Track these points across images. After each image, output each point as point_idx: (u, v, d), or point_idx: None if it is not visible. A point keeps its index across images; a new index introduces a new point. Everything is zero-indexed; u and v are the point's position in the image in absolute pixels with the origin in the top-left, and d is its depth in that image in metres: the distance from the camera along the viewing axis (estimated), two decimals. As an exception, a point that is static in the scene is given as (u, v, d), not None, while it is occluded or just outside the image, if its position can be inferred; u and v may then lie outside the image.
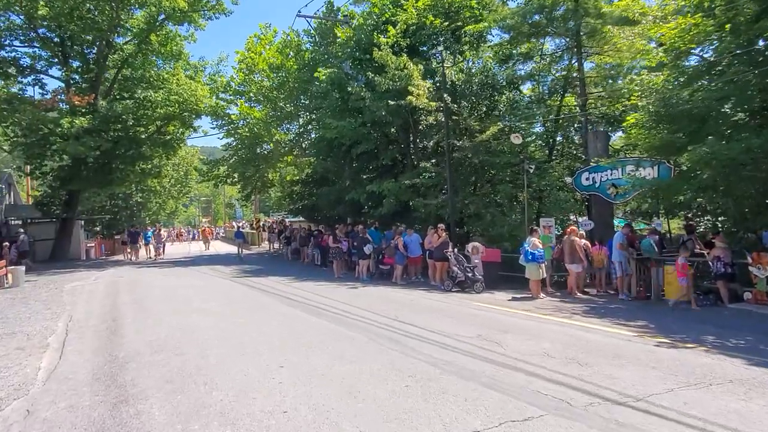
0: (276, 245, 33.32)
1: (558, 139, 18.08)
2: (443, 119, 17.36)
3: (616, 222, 16.34)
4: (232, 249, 35.04)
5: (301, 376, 5.85)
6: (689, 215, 15.89)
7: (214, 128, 27.15)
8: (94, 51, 26.71)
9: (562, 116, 18.09)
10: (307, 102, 26.17)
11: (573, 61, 18.67)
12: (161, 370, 6.28)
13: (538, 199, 16.83)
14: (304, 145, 27.20)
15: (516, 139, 16.04)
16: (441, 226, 15.25)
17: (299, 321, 9.41)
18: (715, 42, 11.69)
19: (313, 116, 25.70)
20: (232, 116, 25.91)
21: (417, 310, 10.47)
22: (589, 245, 14.03)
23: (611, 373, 5.92)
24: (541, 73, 18.75)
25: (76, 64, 26.99)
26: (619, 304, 11.93)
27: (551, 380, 5.62)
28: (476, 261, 14.62)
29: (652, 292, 12.60)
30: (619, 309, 11.04)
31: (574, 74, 18.60)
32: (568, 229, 14.03)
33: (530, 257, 12.84)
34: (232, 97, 26.85)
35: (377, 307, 10.79)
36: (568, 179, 17.33)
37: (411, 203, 18.79)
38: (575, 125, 18.30)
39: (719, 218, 14.63)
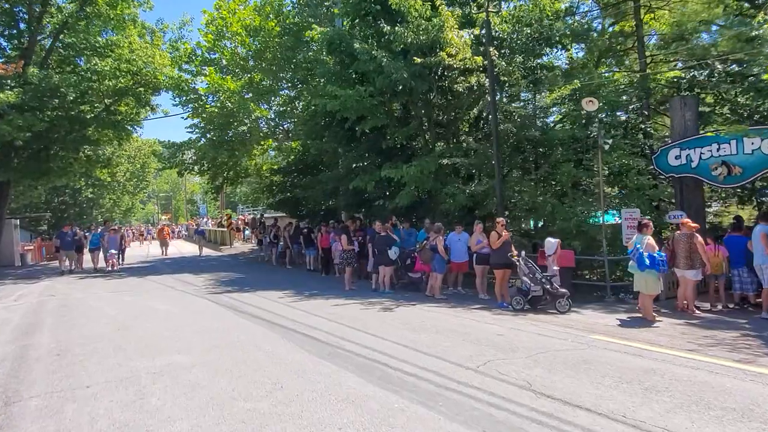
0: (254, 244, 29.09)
1: (618, 113, 14.23)
2: (483, 83, 13.28)
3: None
4: (196, 249, 30.41)
5: None
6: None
7: (176, 105, 22.15)
8: (24, 9, 21.49)
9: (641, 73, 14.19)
10: (291, 74, 21.66)
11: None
12: None
13: (611, 185, 12.96)
14: (287, 126, 22.67)
15: (589, 105, 12.12)
16: (501, 220, 11.20)
17: (374, 408, 5.18)
18: None
19: (301, 89, 21.23)
20: (201, 89, 21.10)
21: (536, 359, 6.35)
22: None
23: None
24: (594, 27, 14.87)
25: (-1, 26, 21.76)
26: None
27: None
28: (555, 268, 10.65)
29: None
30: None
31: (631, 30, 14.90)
32: (684, 223, 10.21)
33: (648, 264, 8.93)
34: (198, 67, 22.04)
35: (459, 353, 6.66)
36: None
37: (442, 191, 14.65)
38: (642, 93, 14.49)
39: None
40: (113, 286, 14.80)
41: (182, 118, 22.65)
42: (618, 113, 14.57)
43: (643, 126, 14.48)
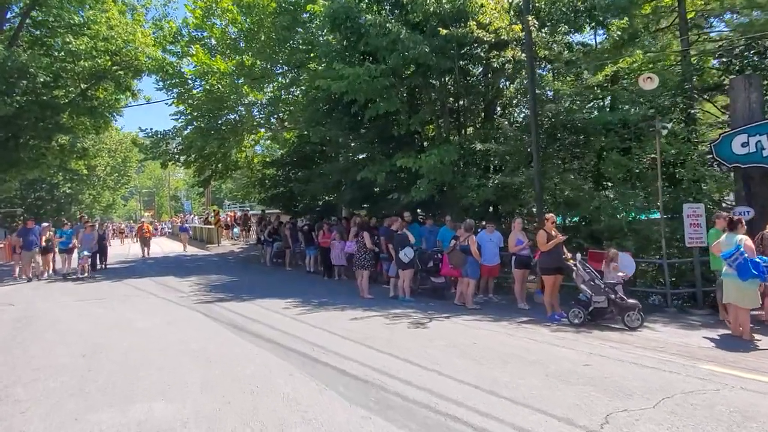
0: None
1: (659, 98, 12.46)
2: (520, 58, 11.46)
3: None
4: (180, 247, 28.97)
5: None
6: None
7: (160, 90, 19.95)
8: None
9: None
10: (286, 57, 19.61)
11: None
12: None
13: (669, 177, 11.18)
14: (282, 115, 20.61)
15: (647, 83, 10.38)
16: (551, 217, 9.37)
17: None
18: None
19: (298, 73, 19.21)
20: (188, 72, 18.93)
21: (670, 410, 4.51)
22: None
23: None
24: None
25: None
26: None
27: None
28: (620, 274, 8.86)
29: None
30: None
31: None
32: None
33: (752, 271, 7.17)
34: (184, 48, 19.89)
35: (557, 399, 4.83)
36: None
37: (463, 183, 12.86)
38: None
39: None
40: (85, 293, 12.72)
41: (166, 104, 20.52)
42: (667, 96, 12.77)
43: (690, 111, 12.77)
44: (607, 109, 12.16)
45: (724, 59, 13.40)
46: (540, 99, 11.45)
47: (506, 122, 12.44)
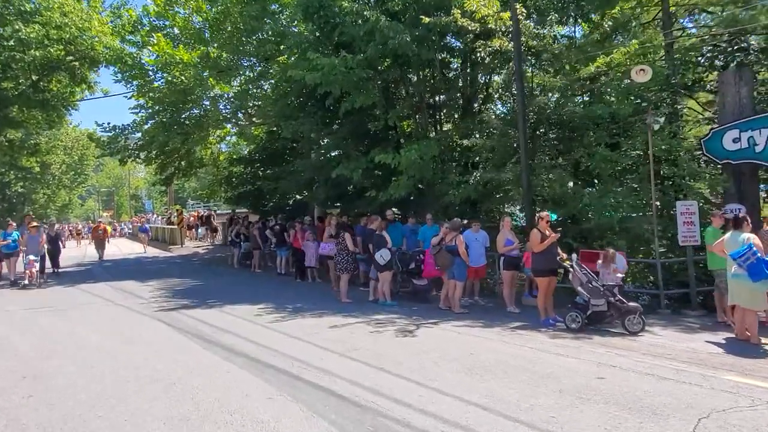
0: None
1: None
2: (507, 49, 10.88)
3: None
4: (140, 248, 27.90)
5: None
6: None
7: (118, 82, 18.65)
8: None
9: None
10: (254, 49, 18.62)
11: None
12: None
13: (656, 174, 10.77)
14: (250, 110, 19.59)
15: (640, 75, 9.95)
16: (546, 215, 8.81)
17: None
18: None
19: (266, 66, 18.25)
20: (150, 62, 17.67)
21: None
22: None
23: None
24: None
25: None
26: None
27: None
28: (619, 275, 8.37)
29: None
30: None
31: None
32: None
33: (765, 271, 6.73)
34: (145, 38, 18.66)
35: (580, 423, 4.21)
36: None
37: (443, 180, 12.28)
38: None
39: None
40: (31, 301, 11.51)
41: (126, 98, 19.17)
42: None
43: (677, 106, 12.49)
44: (593, 104, 11.74)
45: (708, 55, 13.19)
46: (527, 93, 10.87)
47: (493, 115, 11.85)
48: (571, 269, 8.27)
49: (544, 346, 6.96)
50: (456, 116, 15.10)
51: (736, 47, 12.72)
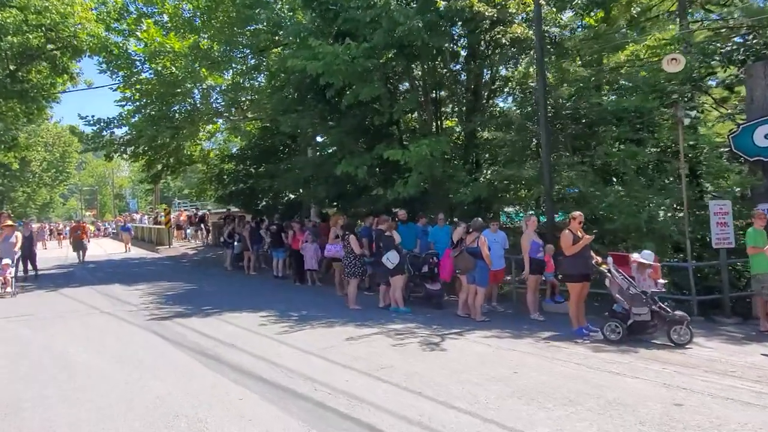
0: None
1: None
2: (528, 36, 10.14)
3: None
4: (122, 247, 27.20)
5: None
6: None
7: (103, 73, 17.57)
8: None
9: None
10: (248, 39, 17.67)
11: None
12: None
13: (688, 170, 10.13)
14: (243, 104, 18.64)
15: (672, 65, 9.26)
16: (579, 215, 8.05)
17: None
18: None
19: (261, 58, 17.34)
20: (138, 50, 16.62)
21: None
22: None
23: None
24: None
25: None
26: None
27: None
28: (662, 281, 7.67)
29: None
30: None
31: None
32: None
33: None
34: (132, 26, 17.61)
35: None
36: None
37: (453, 178, 11.53)
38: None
39: None
40: (7, 309, 10.50)
41: (111, 89, 18.11)
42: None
43: (698, 101, 11.86)
44: (612, 98, 11.06)
45: (727, 49, 12.59)
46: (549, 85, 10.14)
47: (515, 109, 11.11)
48: (608, 275, 7.53)
49: (591, 362, 6.21)
50: (463, 110, 14.36)
51: (755, 41, 12.18)
